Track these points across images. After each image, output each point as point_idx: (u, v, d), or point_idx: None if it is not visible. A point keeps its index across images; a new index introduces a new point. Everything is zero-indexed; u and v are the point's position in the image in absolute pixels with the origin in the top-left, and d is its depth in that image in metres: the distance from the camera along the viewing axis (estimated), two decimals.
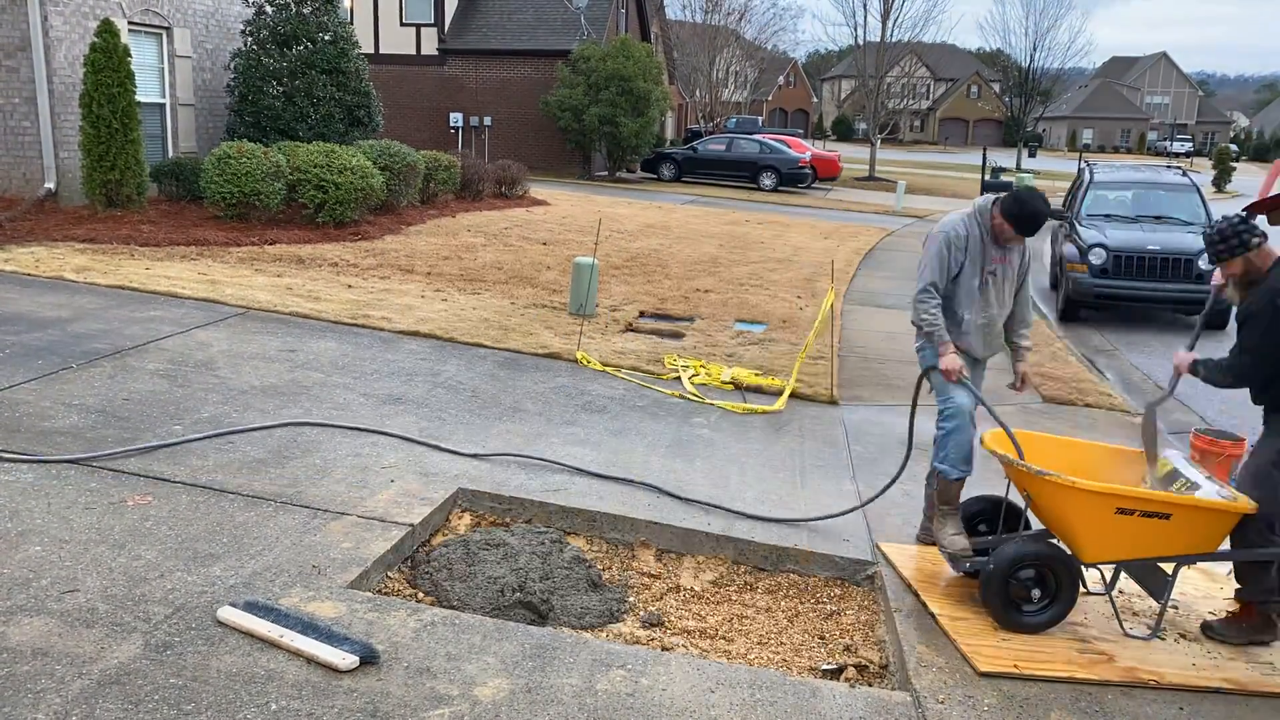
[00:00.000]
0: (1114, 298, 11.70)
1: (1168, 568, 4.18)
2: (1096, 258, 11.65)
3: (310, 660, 3.33)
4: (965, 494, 4.79)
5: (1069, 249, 12.20)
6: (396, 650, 3.48)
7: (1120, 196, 13.51)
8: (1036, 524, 4.47)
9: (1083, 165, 14.99)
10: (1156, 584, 4.23)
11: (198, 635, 3.42)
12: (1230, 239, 4.17)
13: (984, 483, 5.15)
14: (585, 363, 7.73)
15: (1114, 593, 4.43)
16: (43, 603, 3.52)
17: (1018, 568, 4.11)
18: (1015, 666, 3.85)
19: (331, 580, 3.91)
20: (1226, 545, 4.16)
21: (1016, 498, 4.52)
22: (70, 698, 3.01)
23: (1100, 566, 4.25)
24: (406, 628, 3.63)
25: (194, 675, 3.20)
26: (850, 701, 3.57)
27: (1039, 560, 4.12)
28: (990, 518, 4.71)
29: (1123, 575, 4.44)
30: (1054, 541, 4.30)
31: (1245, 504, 4.01)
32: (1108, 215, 12.95)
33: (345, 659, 3.34)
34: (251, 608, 3.58)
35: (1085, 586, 4.34)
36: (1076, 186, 14.55)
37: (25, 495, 4.36)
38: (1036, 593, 4.12)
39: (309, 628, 3.50)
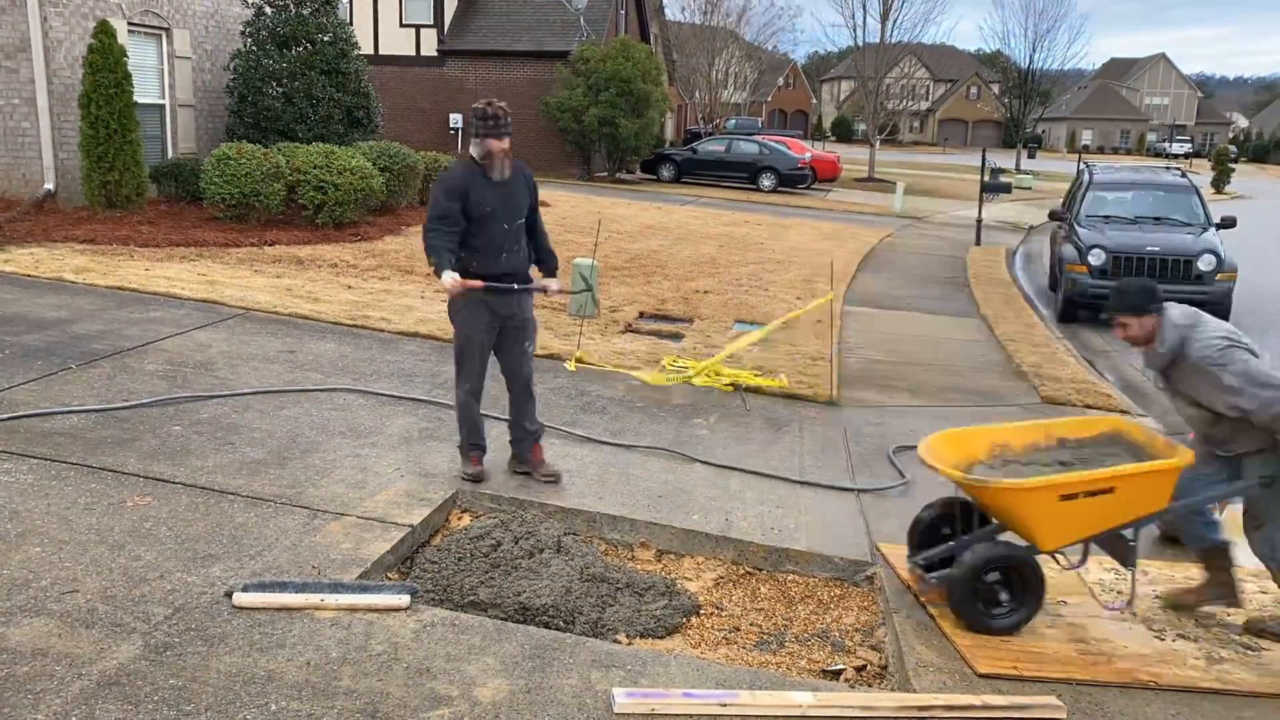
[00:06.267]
0: None
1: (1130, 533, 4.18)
2: (1096, 259, 11.63)
3: (368, 610, 3.65)
4: (924, 499, 4.73)
5: (1068, 250, 12.18)
6: (396, 651, 3.48)
7: (1119, 198, 13.51)
8: None
9: (1082, 166, 14.97)
10: (1121, 551, 4.23)
11: (197, 636, 3.42)
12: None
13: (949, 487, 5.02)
14: (577, 364, 7.73)
15: (1083, 569, 4.43)
16: (42, 603, 3.52)
17: (982, 573, 4.05)
18: (1015, 668, 3.85)
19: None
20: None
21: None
22: (70, 699, 3.01)
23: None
24: (406, 628, 3.63)
25: (194, 676, 3.20)
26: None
27: (1003, 563, 4.07)
28: (953, 522, 4.55)
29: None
30: (1011, 541, 4.25)
31: (1185, 457, 4.03)
32: (1107, 216, 12.93)
33: (401, 599, 3.73)
34: (263, 587, 3.72)
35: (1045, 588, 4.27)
36: (1076, 188, 14.53)
37: (25, 495, 4.36)
38: (1004, 595, 4.08)
39: (339, 588, 3.74)
